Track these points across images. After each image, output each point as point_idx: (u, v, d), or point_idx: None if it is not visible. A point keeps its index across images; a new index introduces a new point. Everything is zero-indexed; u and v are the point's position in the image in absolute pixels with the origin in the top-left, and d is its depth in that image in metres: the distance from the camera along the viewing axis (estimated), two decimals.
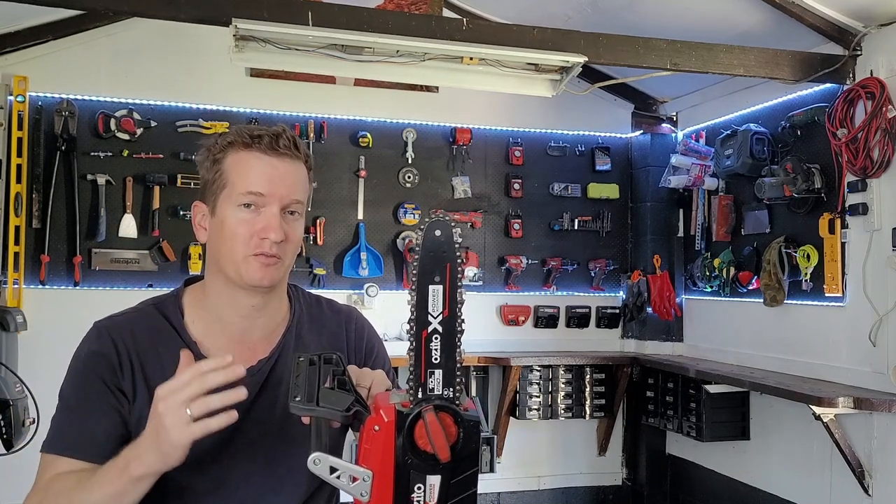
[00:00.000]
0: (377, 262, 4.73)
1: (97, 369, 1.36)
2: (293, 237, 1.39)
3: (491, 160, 5.02)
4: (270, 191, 1.36)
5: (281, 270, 1.40)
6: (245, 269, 1.37)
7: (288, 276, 1.48)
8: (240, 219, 1.36)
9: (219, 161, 1.39)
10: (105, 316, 1.44)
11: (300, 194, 1.40)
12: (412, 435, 1.04)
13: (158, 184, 4.37)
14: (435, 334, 1.06)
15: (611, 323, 5.19)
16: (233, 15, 3.02)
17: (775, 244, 4.05)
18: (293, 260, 1.44)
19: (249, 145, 1.37)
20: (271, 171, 1.37)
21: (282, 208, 1.37)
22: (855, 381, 3.62)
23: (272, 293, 1.43)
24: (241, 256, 1.36)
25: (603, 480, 5.21)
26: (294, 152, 1.39)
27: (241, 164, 1.37)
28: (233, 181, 1.37)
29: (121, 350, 1.38)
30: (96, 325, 1.42)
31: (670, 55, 3.54)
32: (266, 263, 1.37)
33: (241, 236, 1.36)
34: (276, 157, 1.37)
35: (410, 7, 4.63)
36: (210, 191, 1.40)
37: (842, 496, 3.73)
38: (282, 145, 1.37)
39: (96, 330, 1.41)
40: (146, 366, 1.38)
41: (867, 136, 3.48)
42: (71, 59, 4.32)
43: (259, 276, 1.37)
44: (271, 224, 1.35)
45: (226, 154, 1.39)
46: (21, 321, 3.63)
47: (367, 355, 1.55)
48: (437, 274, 1.06)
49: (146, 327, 1.42)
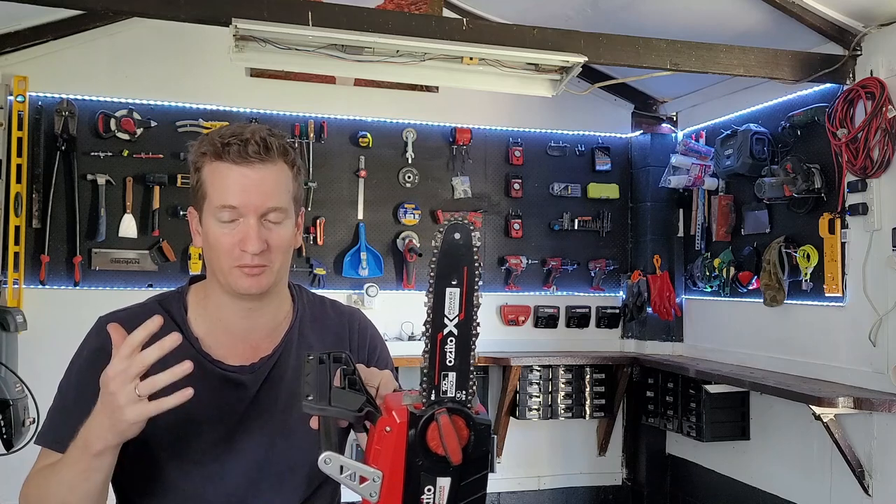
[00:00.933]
0: (377, 262, 4.73)
1: (97, 366, 1.36)
2: (277, 243, 1.37)
3: (491, 160, 5.02)
4: (244, 202, 1.33)
5: (270, 276, 1.38)
6: (231, 279, 1.37)
7: (286, 275, 1.47)
8: (220, 232, 1.35)
9: (198, 170, 1.37)
10: (109, 311, 1.45)
11: (278, 199, 1.36)
12: (424, 437, 1.04)
13: (158, 184, 4.37)
14: (450, 337, 1.05)
15: (611, 323, 5.19)
16: (233, 15, 3.02)
17: (775, 244, 4.05)
18: (286, 261, 1.42)
19: (220, 155, 1.33)
20: (243, 182, 1.33)
21: (259, 217, 1.34)
22: (855, 382, 3.63)
23: (269, 295, 1.43)
24: (227, 268, 1.36)
25: (603, 480, 5.21)
26: (265, 156, 1.34)
27: (215, 176, 1.35)
28: (210, 193, 1.35)
29: None
30: (99, 320, 1.43)
31: (670, 55, 3.54)
32: (250, 274, 1.36)
33: (223, 248, 1.35)
34: (247, 165, 1.33)
35: (410, 7, 4.63)
36: (196, 199, 1.39)
37: (842, 496, 3.73)
38: (251, 152, 1.32)
39: (98, 326, 1.42)
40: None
41: (867, 136, 3.48)
42: (71, 59, 4.32)
43: (246, 286, 1.36)
44: (248, 236, 1.33)
45: (202, 163, 1.36)
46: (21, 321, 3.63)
47: (370, 356, 1.55)
48: (455, 277, 1.05)
49: None
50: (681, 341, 5.05)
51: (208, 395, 1.38)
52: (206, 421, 1.38)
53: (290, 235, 1.40)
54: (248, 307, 1.42)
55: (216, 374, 1.41)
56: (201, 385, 1.38)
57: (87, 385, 1.35)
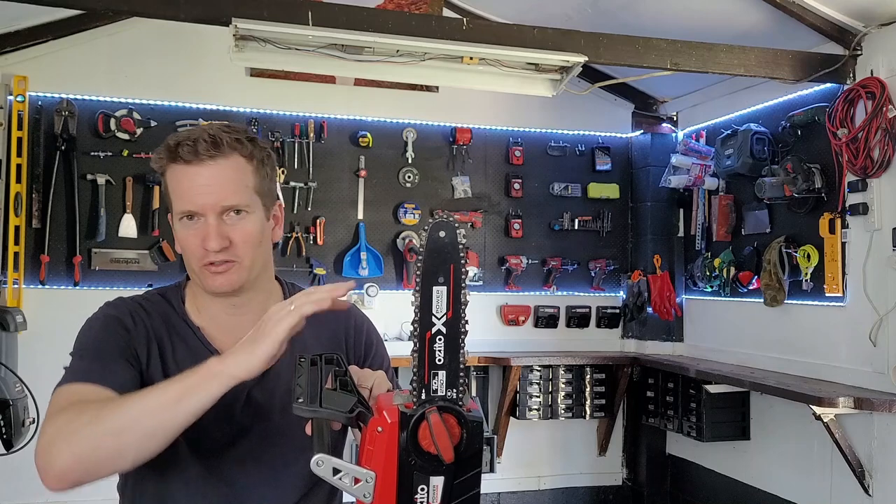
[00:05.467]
0: (377, 262, 4.73)
1: (116, 328, 1.38)
2: (241, 238, 1.36)
3: (491, 160, 5.02)
4: (199, 203, 1.33)
5: (241, 272, 1.38)
6: (203, 279, 1.38)
7: (269, 269, 1.47)
8: (185, 233, 1.36)
9: (163, 175, 1.39)
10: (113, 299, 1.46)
11: (236, 194, 1.35)
12: (416, 436, 1.04)
13: (158, 184, 4.36)
14: (438, 335, 1.05)
15: (611, 323, 5.19)
16: (233, 15, 3.02)
17: (775, 244, 4.05)
18: (261, 255, 1.41)
19: (174, 158, 1.34)
20: (196, 181, 1.33)
21: (218, 214, 1.34)
22: (855, 381, 3.62)
23: (250, 290, 1.43)
24: (197, 268, 1.38)
25: (603, 480, 5.21)
26: (215, 152, 1.32)
27: (173, 180, 1.36)
28: (173, 199, 1.37)
29: (137, 320, 1.40)
30: (107, 302, 1.44)
31: (670, 55, 3.54)
32: (217, 272, 1.36)
33: (190, 250, 1.37)
34: (198, 164, 1.32)
35: (410, 7, 4.63)
36: (168, 204, 1.41)
37: (842, 496, 3.72)
38: (201, 150, 1.32)
39: (111, 301, 1.43)
40: (160, 341, 1.41)
41: (867, 136, 3.48)
42: (71, 59, 4.32)
43: (217, 284, 1.37)
44: (208, 234, 1.33)
45: (164, 168, 1.37)
46: (21, 321, 3.63)
47: (366, 353, 1.55)
48: (441, 275, 1.05)
49: (157, 310, 1.44)
50: (681, 341, 5.05)
51: None
52: (204, 417, 1.38)
53: (256, 229, 1.39)
54: (231, 303, 1.43)
55: None
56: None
57: (108, 336, 1.36)
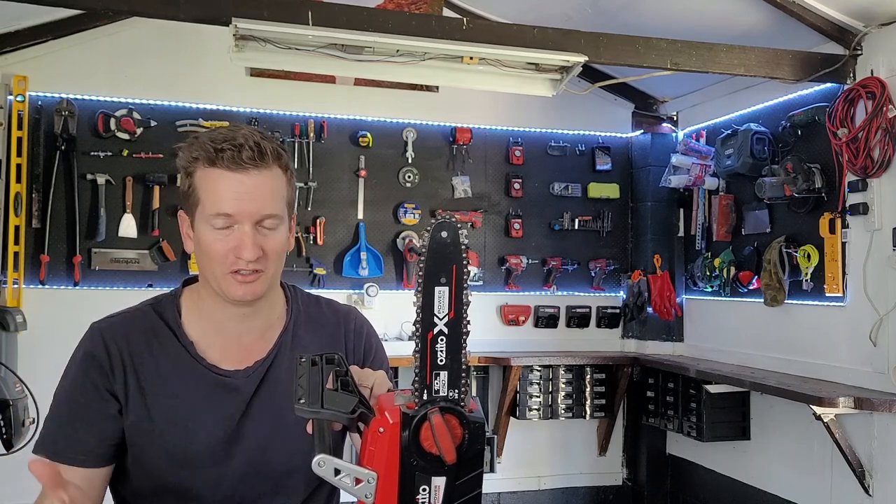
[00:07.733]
0: (377, 262, 4.72)
1: (90, 373, 1.37)
2: (271, 249, 1.35)
3: (491, 160, 5.02)
4: (239, 210, 1.31)
5: (265, 282, 1.37)
6: (225, 286, 1.35)
7: (279, 277, 1.46)
8: (213, 238, 1.33)
9: (190, 174, 1.35)
10: (103, 317, 1.44)
11: (273, 206, 1.34)
12: (417, 437, 1.04)
13: (158, 184, 4.37)
14: (441, 336, 1.05)
15: (611, 323, 5.19)
16: (233, 15, 3.02)
17: (776, 244, 4.05)
18: (280, 266, 1.41)
19: (213, 161, 1.31)
20: (238, 189, 1.30)
21: (254, 224, 1.33)
22: (855, 381, 3.62)
23: (260, 299, 1.42)
24: (220, 274, 1.35)
25: (603, 480, 5.21)
26: (260, 162, 1.31)
27: (208, 182, 1.32)
28: (203, 200, 1.33)
29: (112, 353, 1.38)
30: (91, 327, 1.42)
31: (671, 55, 3.54)
32: (244, 281, 1.35)
33: (217, 255, 1.33)
34: (242, 172, 1.30)
35: (410, 7, 4.63)
36: (187, 204, 1.37)
37: (842, 496, 3.72)
38: (245, 158, 1.30)
39: (90, 332, 1.41)
40: (140, 368, 1.39)
41: (868, 136, 3.48)
42: (71, 59, 4.32)
43: (241, 293, 1.35)
44: (244, 243, 1.31)
45: (194, 168, 1.33)
46: (21, 321, 3.64)
47: (365, 355, 1.54)
48: (444, 275, 1.05)
49: (142, 329, 1.42)
50: (681, 341, 5.05)
51: (203, 401, 1.38)
52: (203, 426, 1.38)
53: (284, 241, 1.39)
54: (242, 312, 1.42)
55: (210, 378, 1.40)
56: (196, 390, 1.38)
57: (79, 393, 1.37)
